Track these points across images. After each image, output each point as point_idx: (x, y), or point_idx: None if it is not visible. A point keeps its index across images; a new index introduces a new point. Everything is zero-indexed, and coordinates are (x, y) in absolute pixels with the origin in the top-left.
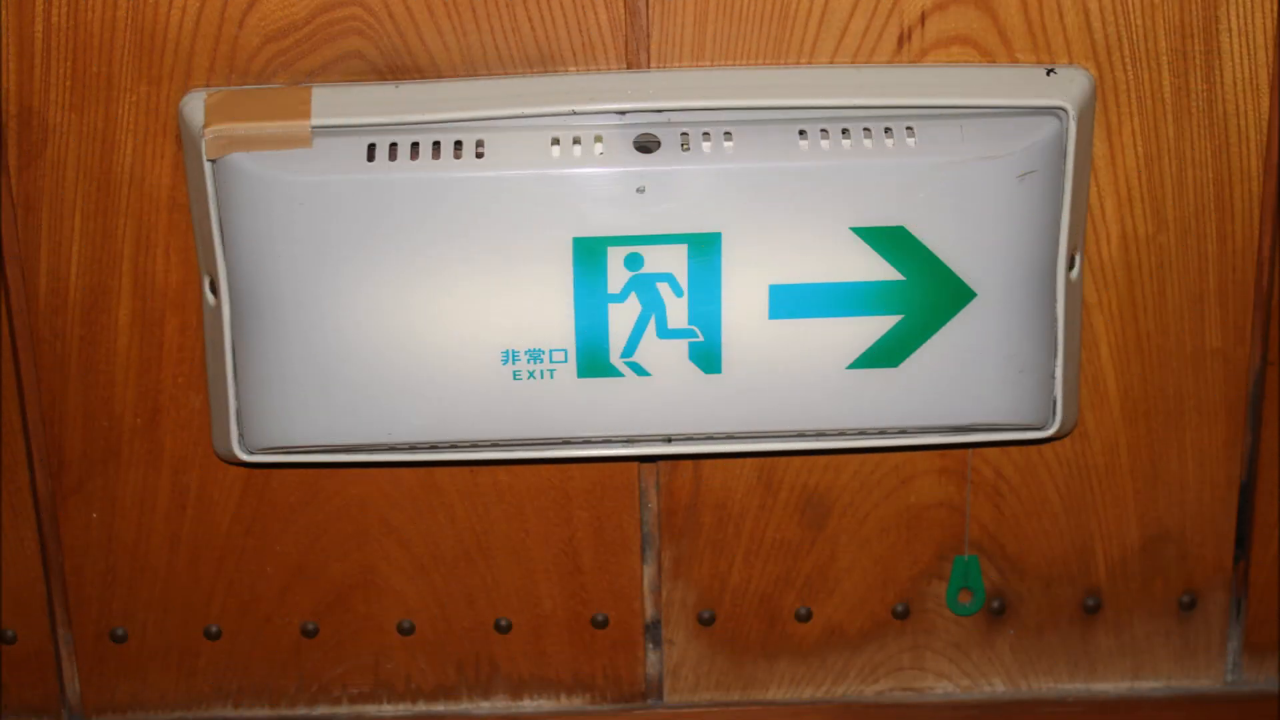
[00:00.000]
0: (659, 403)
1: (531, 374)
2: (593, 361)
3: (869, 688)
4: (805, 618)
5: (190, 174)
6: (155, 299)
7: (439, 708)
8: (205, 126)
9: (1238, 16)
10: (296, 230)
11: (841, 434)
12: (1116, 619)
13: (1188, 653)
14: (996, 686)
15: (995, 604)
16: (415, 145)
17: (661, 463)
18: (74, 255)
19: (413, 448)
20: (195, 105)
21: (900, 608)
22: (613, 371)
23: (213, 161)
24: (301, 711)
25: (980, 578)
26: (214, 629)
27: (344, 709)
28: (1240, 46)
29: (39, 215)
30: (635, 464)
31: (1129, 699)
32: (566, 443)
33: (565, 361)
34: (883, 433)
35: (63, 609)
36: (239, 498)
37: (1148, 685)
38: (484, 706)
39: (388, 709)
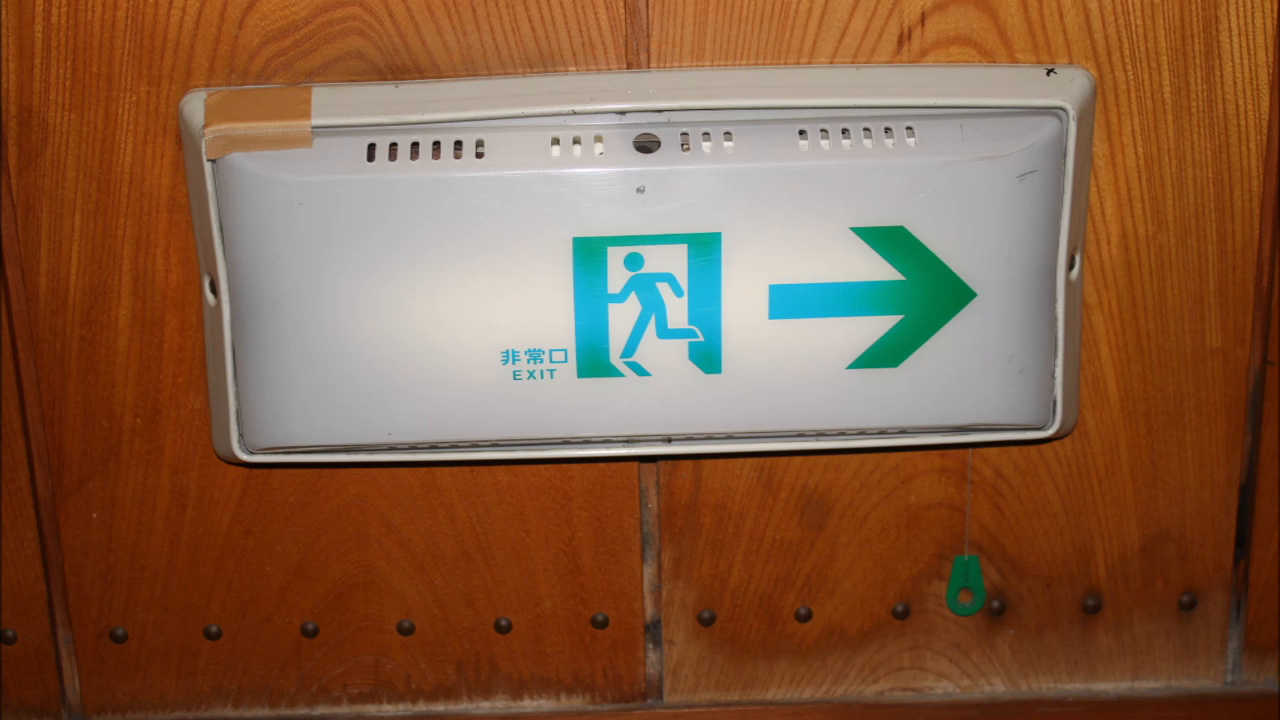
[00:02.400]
0: (659, 403)
1: (531, 374)
2: (593, 361)
3: (869, 688)
4: (805, 618)
5: (190, 174)
6: (155, 299)
7: (439, 708)
8: (205, 126)
9: (1238, 16)
10: (296, 230)
11: (841, 434)
12: (1116, 619)
13: (1188, 653)
14: (996, 686)
15: (995, 604)
16: (415, 145)
17: (661, 463)
18: (74, 255)
19: (413, 448)
20: (195, 105)
21: (900, 608)
22: (613, 371)
23: (213, 161)
24: (301, 711)
25: (980, 578)
26: (214, 629)
27: (344, 709)
28: (1240, 46)
29: (39, 215)
30: (635, 464)
31: (1129, 699)
32: (566, 443)
33: (565, 361)
34: (883, 433)
35: (63, 609)
36: (239, 498)
37: (1148, 685)
38: (484, 706)
39: (388, 709)
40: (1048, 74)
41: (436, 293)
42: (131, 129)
